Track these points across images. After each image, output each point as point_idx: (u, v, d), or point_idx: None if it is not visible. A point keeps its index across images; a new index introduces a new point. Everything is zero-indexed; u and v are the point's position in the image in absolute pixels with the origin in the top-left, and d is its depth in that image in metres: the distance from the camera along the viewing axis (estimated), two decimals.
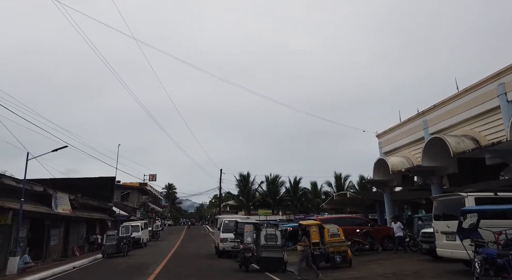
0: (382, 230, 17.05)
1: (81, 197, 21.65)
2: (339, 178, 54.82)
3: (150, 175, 63.76)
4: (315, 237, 10.85)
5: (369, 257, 13.93)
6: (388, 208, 22.52)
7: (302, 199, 56.39)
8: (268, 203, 54.88)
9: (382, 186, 22.87)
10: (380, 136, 24.01)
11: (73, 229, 22.95)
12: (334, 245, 10.87)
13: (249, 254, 11.07)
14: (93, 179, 30.27)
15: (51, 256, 19.33)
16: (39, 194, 16.88)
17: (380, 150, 24.02)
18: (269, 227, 11.71)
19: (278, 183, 56.82)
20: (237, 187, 56.88)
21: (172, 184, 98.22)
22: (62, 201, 19.05)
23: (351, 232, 15.47)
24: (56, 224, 19.84)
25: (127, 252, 19.58)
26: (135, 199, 52.67)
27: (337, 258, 10.87)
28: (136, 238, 24.55)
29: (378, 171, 21.87)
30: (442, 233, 9.35)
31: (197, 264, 13.88)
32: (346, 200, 31.07)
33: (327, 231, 11.03)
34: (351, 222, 17.38)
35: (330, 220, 17.15)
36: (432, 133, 17.84)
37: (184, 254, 18.45)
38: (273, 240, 11.19)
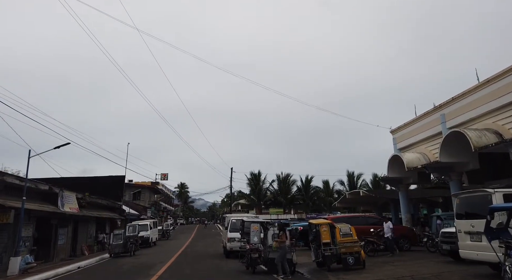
0: (398, 230, 16.20)
1: (89, 195, 21.43)
2: (352, 176, 53.86)
3: (161, 174, 64.12)
4: (326, 237, 10.25)
5: (384, 258, 13.17)
6: (403, 207, 21.61)
7: (314, 197, 55.64)
8: (279, 202, 54.28)
9: (397, 184, 21.96)
10: (395, 132, 23.06)
11: (81, 228, 22.78)
12: (346, 245, 10.28)
13: (256, 255, 10.47)
14: (102, 178, 30.19)
15: (59, 256, 19.13)
16: (44, 192, 16.66)
17: (394, 146, 23.07)
18: (276, 226, 11.09)
19: (290, 182, 56.24)
20: (248, 185, 56.57)
21: (185, 183, 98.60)
22: (69, 199, 18.82)
23: (364, 231, 14.75)
24: (64, 223, 19.64)
25: (134, 251, 19.25)
26: (147, 198, 52.75)
27: (349, 259, 10.26)
28: (144, 237, 24.31)
29: (393, 168, 20.96)
30: (466, 233, 8.54)
31: (203, 265, 13.38)
32: (359, 199, 30.24)
33: (339, 230, 10.47)
34: (365, 221, 16.60)
35: (342, 219, 16.42)
36: (450, 127, 16.88)
37: (192, 254, 18.01)
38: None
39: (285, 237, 10.06)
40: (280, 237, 10.05)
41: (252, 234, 10.71)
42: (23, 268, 12.15)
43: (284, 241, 9.88)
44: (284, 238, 10.00)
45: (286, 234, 10.38)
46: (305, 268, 11.37)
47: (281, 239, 9.94)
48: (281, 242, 9.86)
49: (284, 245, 9.81)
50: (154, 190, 57.25)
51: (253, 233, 10.73)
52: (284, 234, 10.18)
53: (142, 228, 24.64)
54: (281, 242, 9.87)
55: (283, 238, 9.95)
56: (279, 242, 9.90)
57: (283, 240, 9.88)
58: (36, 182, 15.52)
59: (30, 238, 16.11)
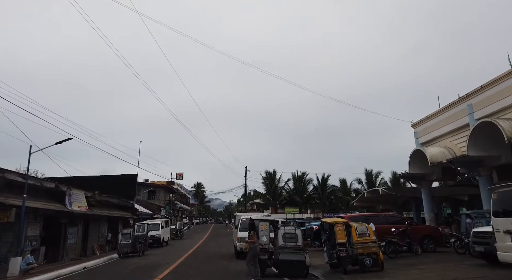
0: (422, 229, 15.00)
1: (99, 194, 21.05)
2: (370, 175, 52.13)
3: (177, 174, 64.07)
4: (341, 237, 9.52)
5: (406, 260, 12.04)
6: (426, 205, 20.28)
7: (331, 197, 54.27)
8: (295, 201, 53.15)
9: (419, 180, 20.64)
10: (416, 126, 21.69)
11: (92, 227, 22.46)
12: (363, 246, 9.49)
13: (265, 256, 9.59)
14: (115, 176, 29.96)
15: (68, 255, 18.79)
16: (51, 190, 16.29)
17: (416, 140, 21.70)
18: (288, 225, 10.18)
19: (306, 181, 55.09)
20: (263, 185, 55.71)
21: (201, 183, 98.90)
22: (78, 198, 18.44)
23: (385, 231, 13.66)
24: (73, 222, 19.29)
25: (144, 251, 18.70)
26: (162, 197, 52.68)
27: (367, 260, 9.43)
28: (156, 236, 23.81)
29: (414, 164, 19.67)
30: (505, 232, 7.42)
31: (211, 266, 12.61)
32: (378, 197, 29.12)
33: (355, 229, 9.72)
34: (385, 220, 15.43)
35: (360, 218, 15.31)
36: (478, 118, 15.51)
37: (202, 254, 17.32)
38: (292, 240, 9.64)
39: (256, 237, 9.55)
40: (251, 237, 9.54)
41: (261, 233, 9.83)
42: (24, 269, 11.68)
43: (254, 242, 9.41)
44: (255, 238, 9.49)
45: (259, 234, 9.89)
46: (319, 271, 10.45)
47: (251, 239, 9.45)
48: (252, 242, 9.38)
49: (255, 245, 9.33)
50: (169, 189, 57.18)
51: (262, 232, 9.84)
52: (255, 234, 9.68)
53: (153, 227, 24.16)
54: (251, 242, 9.38)
55: (253, 238, 9.45)
56: (250, 243, 9.40)
57: (253, 241, 9.39)
58: (41, 180, 15.16)
59: (37, 237, 15.76)
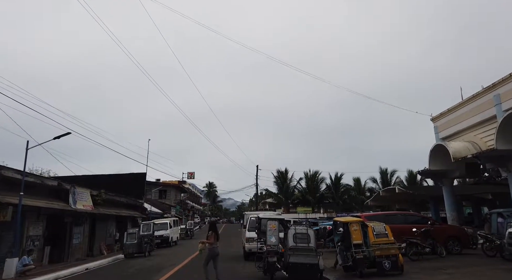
0: (446, 229, 13.84)
1: (105, 192, 20.53)
2: (385, 173, 50.53)
3: (188, 173, 63.82)
4: (357, 237, 8.83)
5: (431, 263, 10.97)
6: (448, 204, 19.01)
7: (344, 196, 52.96)
8: (307, 200, 52.07)
9: (440, 178, 19.36)
10: (436, 120, 20.41)
11: (100, 227, 21.98)
12: (381, 247, 8.76)
13: (274, 259, 8.70)
14: (124, 175, 29.53)
15: (74, 255, 18.31)
16: (54, 189, 15.78)
17: (436, 135, 20.43)
18: (299, 224, 9.27)
19: (318, 180, 53.91)
20: (275, 184, 54.83)
21: (213, 182, 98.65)
22: (82, 196, 17.93)
23: (405, 231, 12.60)
24: (78, 221, 18.80)
25: (150, 251, 18.05)
26: (173, 196, 52.34)
27: (385, 263, 8.67)
28: (164, 236, 23.20)
29: (435, 160, 18.43)
30: None
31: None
32: (394, 196, 27.87)
33: (371, 229, 9.03)
34: (404, 219, 14.34)
35: (378, 217, 14.27)
36: (507, 109, 14.27)
37: None
38: (304, 241, 8.72)
39: (214, 237, 8.86)
40: (208, 237, 8.91)
41: (269, 233, 8.93)
42: (20, 270, 11.08)
43: (211, 242, 8.81)
44: (212, 239, 8.85)
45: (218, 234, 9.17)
46: (332, 274, 9.53)
47: (208, 240, 8.86)
48: (209, 243, 8.80)
49: (212, 247, 8.77)
50: (180, 189, 56.83)
51: (270, 232, 8.94)
52: (214, 234, 8.92)
53: (161, 226, 23.56)
54: (209, 243, 8.81)
55: (210, 239, 8.83)
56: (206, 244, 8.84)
57: (210, 241, 8.80)
58: (43, 178, 14.66)
59: (39, 237, 15.27)
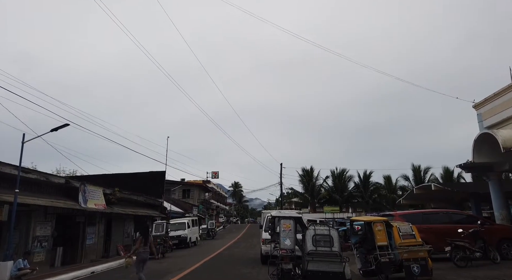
0: (499, 230, 11.72)
1: (120, 191, 19.71)
2: (418, 171, 47.45)
3: (212, 172, 63.27)
4: (382, 239, 7.87)
5: (484, 271, 9.09)
6: (496, 201, 16.60)
7: (374, 195, 50.35)
8: (335, 199, 49.93)
9: (485, 172, 17.00)
10: (479, 106, 18.02)
11: (116, 227, 21.26)
12: (411, 249, 7.83)
13: (289, 266, 7.18)
14: (142, 174, 28.88)
15: (88, 257, 17.58)
16: (62, 187, 15.01)
17: (479, 124, 18.03)
18: (319, 224, 7.70)
19: (346, 178, 51.71)
20: (300, 182, 53.03)
21: (238, 182, 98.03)
22: (94, 195, 17.12)
23: (450, 232, 10.75)
24: (92, 221, 18.08)
25: (164, 253, 16.99)
26: (196, 196, 51.79)
27: (414, 267, 7.68)
28: (182, 237, 22.19)
29: (480, 151, 16.09)
30: None
31: (228, 274, 10.50)
32: (430, 194, 25.77)
33: (397, 230, 8.13)
34: (448, 218, 12.36)
35: (416, 216, 12.43)
36: None
37: (226, 258, 15.27)
38: (326, 244, 7.17)
39: (141, 241, 8.25)
40: (136, 241, 8.43)
41: (283, 234, 7.40)
42: (14, 275, 10.18)
43: (137, 248, 8.22)
44: (139, 243, 8.24)
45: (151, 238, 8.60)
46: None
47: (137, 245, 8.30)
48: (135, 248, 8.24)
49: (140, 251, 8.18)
50: (204, 188, 56.24)
51: (284, 233, 7.41)
52: (141, 238, 8.31)
53: (179, 226, 22.60)
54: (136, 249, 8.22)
55: (138, 243, 8.26)
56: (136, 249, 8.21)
57: (137, 247, 8.23)
58: (47, 175, 13.84)
59: (48, 237, 14.52)
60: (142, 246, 8.20)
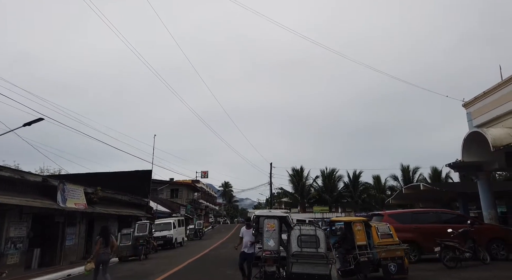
0: (489, 230, 11.53)
1: (102, 190, 19.05)
2: (407, 171, 47.85)
3: (202, 172, 62.49)
4: (361, 238, 8.01)
5: (474, 272, 8.85)
6: (485, 200, 16.46)
7: (364, 195, 50.49)
8: (324, 199, 49.85)
9: (474, 171, 16.87)
10: (469, 105, 17.91)
11: (99, 227, 20.47)
12: (388, 248, 8.06)
13: (273, 268, 6.76)
14: (128, 173, 28.15)
15: (67, 258, 16.93)
16: (39, 185, 14.34)
17: (469, 123, 17.93)
18: (305, 224, 7.31)
19: (335, 178, 51.82)
20: (290, 182, 52.82)
21: (228, 182, 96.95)
22: (74, 194, 16.45)
23: (439, 232, 10.53)
24: (72, 221, 17.41)
25: (147, 254, 16.40)
26: (184, 196, 51.04)
27: (391, 266, 7.94)
28: (167, 237, 21.60)
29: (469, 150, 15.95)
30: None
31: (212, 276, 10.04)
32: (418, 194, 25.99)
33: (375, 230, 8.32)
34: (437, 217, 12.10)
35: (405, 215, 12.21)
36: None
37: (211, 259, 14.78)
38: (312, 245, 6.78)
39: (101, 243, 7.90)
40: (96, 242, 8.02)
41: (266, 235, 6.98)
42: None
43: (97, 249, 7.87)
44: (99, 245, 7.89)
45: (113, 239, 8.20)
46: None
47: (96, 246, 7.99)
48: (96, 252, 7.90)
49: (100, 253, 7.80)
50: (192, 188, 55.50)
51: (268, 233, 6.99)
52: (101, 239, 7.97)
53: (164, 227, 22.01)
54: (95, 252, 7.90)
55: (98, 245, 7.92)
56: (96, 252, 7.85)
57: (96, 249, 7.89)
58: (21, 172, 13.17)
59: (23, 238, 13.81)
60: (102, 248, 7.90)
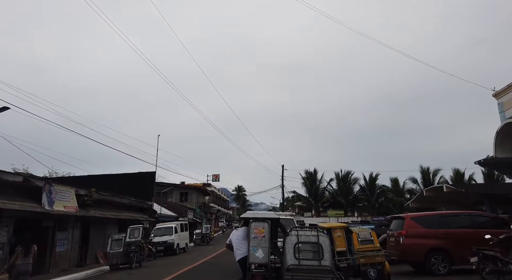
0: None
1: (97, 191, 17.82)
2: (427, 173, 45.21)
3: (213, 175, 61.25)
4: (341, 244, 7.83)
5: None
6: None
7: (381, 198, 48.11)
8: (339, 203, 47.76)
9: (509, 168, 14.92)
10: (501, 95, 15.92)
11: (95, 232, 19.31)
12: (366, 254, 7.92)
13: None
14: (131, 174, 27.02)
15: (59, 266, 15.66)
16: (22, 186, 13.11)
17: (501, 115, 15.94)
18: (303, 229, 5.69)
19: (351, 181, 49.68)
20: (303, 185, 50.94)
21: (242, 186, 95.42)
22: (63, 196, 15.23)
23: (474, 239, 8.69)
24: (63, 226, 16.17)
25: (140, 262, 14.99)
26: (194, 199, 49.82)
27: (370, 272, 7.77)
28: (168, 242, 20.19)
29: (503, 144, 14.12)
30: None
31: None
32: (440, 197, 23.86)
33: (356, 236, 8.20)
34: (470, 221, 10.21)
35: (432, 218, 10.41)
36: None
37: (210, 267, 13.34)
38: (313, 256, 5.17)
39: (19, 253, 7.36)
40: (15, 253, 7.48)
41: (253, 243, 5.38)
42: None
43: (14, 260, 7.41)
44: (16, 256, 7.34)
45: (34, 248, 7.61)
46: None
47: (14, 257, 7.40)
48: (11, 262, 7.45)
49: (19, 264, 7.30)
50: (203, 191, 54.25)
51: (255, 241, 5.40)
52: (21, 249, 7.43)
53: (165, 231, 20.62)
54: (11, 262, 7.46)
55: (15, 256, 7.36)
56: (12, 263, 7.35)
57: (13, 260, 7.37)
58: (3, 172, 11.94)
59: (4, 245, 12.62)
60: (22, 258, 7.20)
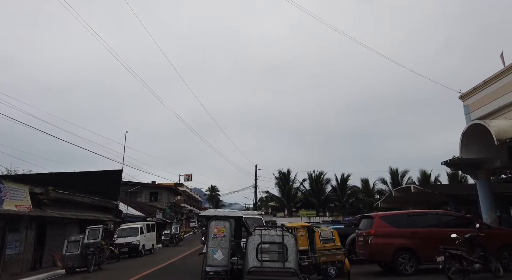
0: (500, 235, 9.67)
1: (55, 190, 16.67)
2: (396, 174, 46.59)
3: (185, 175, 59.99)
4: (303, 243, 8.22)
5: None
6: (485, 203, 14.71)
7: (352, 198, 49.03)
8: (311, 203, 48.18)
9: (473, 169, 15.19)
10: (467, 97, 16.27)
11: (53, 233, 18.05)
12: (326, 253, 8.27)
13: None
14: (96, 173, 25.69)
15: (9, 269, 14.46)
16: None
17: (467, 117, 16.26)
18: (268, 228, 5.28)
19: (323, 181, 50.29)
20: (276, 186, 50.98)
21: (215, 186, 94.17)
22: (15, 194, 14.09)
23: (441, 238, 8.65)
24: (15, 226, 14.96)
25: (100, 264, 14.06)
26: (165, 199, 48.47)
27: (331, 269, 8.13)
28: (133, 244, 19.25)
29: (469, 146, 14.24)
30: None
31: None
32: (408, 197, 24.88)
33: (318, 235, 8.52)
34: (437, 220, 10.23)
35: (400, 217, 10.39)
36: None
37: (173, 269, 12.75)
38: (277, 257, 4.77)
39: None
40: None
41: (212, 244, 4.90)
42: None
43: None
44: None
45: None
46: None
47: None
48: None
49: None
50: (174, 191, 52.94)
51: (215, 242, 4.91)
52: None
53: (130, 232, 19.67)
54: None
55: None
56: None
57: None
58: None
59: None
60: None
